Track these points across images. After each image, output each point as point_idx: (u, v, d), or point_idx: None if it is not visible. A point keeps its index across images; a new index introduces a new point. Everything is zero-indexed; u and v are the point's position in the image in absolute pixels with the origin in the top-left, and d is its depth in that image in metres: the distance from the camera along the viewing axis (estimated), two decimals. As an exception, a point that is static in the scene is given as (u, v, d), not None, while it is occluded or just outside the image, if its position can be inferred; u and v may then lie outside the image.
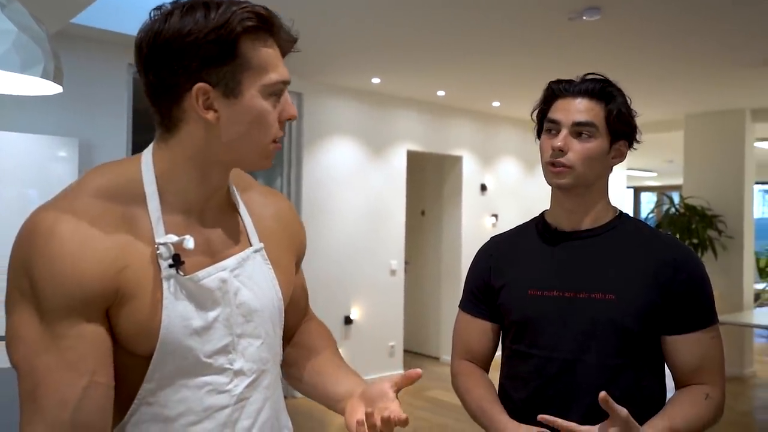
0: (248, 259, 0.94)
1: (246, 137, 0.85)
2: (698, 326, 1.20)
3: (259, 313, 0.93)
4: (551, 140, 1.22)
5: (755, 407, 4.99)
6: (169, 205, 0.87)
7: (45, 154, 3.31)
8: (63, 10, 2.97)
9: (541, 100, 1.30)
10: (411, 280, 6.06)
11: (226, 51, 0.80)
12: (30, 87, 1.80)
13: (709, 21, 3.35)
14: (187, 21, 0.80)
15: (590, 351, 1.19)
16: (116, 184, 0.85)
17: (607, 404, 1.05)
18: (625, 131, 1.25)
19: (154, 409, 0.86)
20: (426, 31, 3.58)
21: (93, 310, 0.80)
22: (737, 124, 5.72)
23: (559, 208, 1.29)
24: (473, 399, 1.29)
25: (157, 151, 0.88)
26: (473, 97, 5.49)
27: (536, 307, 1.24)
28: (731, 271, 5.70)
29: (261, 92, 0.84)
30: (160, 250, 0.83)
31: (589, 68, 1.35)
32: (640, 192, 12.75)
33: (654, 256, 1.22)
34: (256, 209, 1.00)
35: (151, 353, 0.83)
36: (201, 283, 0.87)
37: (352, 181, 5.14)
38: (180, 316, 0.84)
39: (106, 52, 3.74)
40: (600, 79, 1.24)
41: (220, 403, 0.89)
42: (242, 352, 0.91)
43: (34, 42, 1.62)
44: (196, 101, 0.82)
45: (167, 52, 0.80)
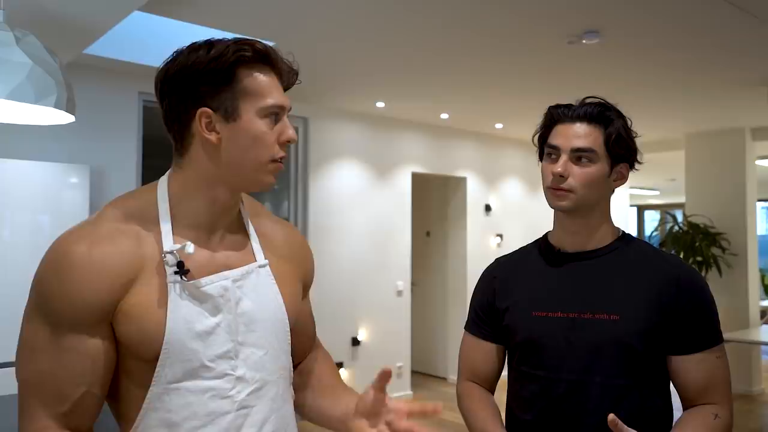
0: (252, 273, 1.00)
1: (245, 156, 0.95)
2: (703, 346, 1.20)
3: (261, 323, 0.99)
4: (551, 165, 1.24)
5: (764, 425, 4.95)
6: (181, 224, 0.96)
7: (57, 181, 3.37)
8: (76, 41, 3.06)
9: (541, 124, 1.32)
10: (417, 301, 6.07)
11: (223, 78, 0.92)
12: (43, 117, 1.86)
13: (707, 41, 3.42)
14: (191, 56, 0.92)
15: (595, 371, 1.19)
16: (133, 207, 0.96)
17: (616, 427, 1.05)
18: (625, 154, 1.26)
19: (161, 414, 0.92)
20: (429, 56, 3.66)
21: (98, 327, 0.89)
22: (737, 142, 5.77)
23: (562, 230, 1.30)
24: (477, 421, 1.30)
25: (172, 174, 0.99)
26: (476, 120, 5.56)
27: (541, 329, 1.25)
28: (736, 288, 5.70)
29: (258, 115, 0.94)
30: (166, 258, 0.92)
31: (589, 90, 1.38)
32: (644, 210, 12.76)
33: (658, 275, 1.22)
34: (265, 232, 1.08)
35: (157, 355, 0.90)
36: (203, 289, 0.94)
37: (358, 203, 5.19)
38: (183, 319, 0.92)
39: (118, 81, 3.83)
40: (598, 103, 1.25)
41: (222, 408, 0.94)
42: (244, 359, 0.97)
43: (48, 73, 1.67)
44: (199, 124, 0.93)
45: (176, 82, 0.93)
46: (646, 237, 8.44)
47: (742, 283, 5.69)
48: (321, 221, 4.92)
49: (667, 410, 1.25)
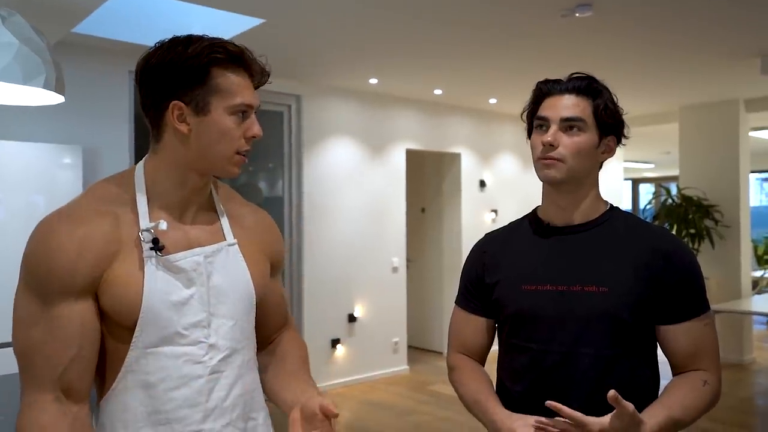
0: (222, 251, 1.10)
1: (213, 148, 1.03)
2: (691, 315, 1.23)
3: (230, 297, 1.09)
4: (541, 136, 1.26)
5: (755, 393, 5.05)
6: (156, 205, 1.05)
7: (50, 162, 3.36)
8: (63, 21, 3.02)
9: (530, 100, 1.33)
10: (413, 277, 6.12)
11: (197, 77, 1.00)
12: (33, 98, 1.84)
13: (700, 13, 3.40)
14: (171, 51, 1.00)
15: (585, 343, 1.21)
16: (111, 190, 1.05)
17: (616, 401, 1.06)
18: (613, 125, 1.27)
19: (138, 376, 1.01)
20: (421, 31, 3.63)
21: (83, 295, 0.98)
22: (731, 114, 5.77)
23: (551, 203, 1.31)
24: (469, 392, 1.32)
25: (149, 158, 1.08)
26: (470, 95, 5.54)
27: (531, 302, 1.26)
28: (729, 259, 5.75)
29: (226, 111, 1.02)
30: (142, 235, 1.01)
31: (583, 63, 1.39)
32: (638, 183, 12.80)
33: (646, 247, 1.24)
34: (235, 214, 1.16)
35: (135, 321, 0.99)
36: (177, 264, 1.03)
37: (353, 180, 5.19)
38: (159, 290, 1.01)
39: (107, 60, 3.79)
40: (586, 77, 1.27)
41: (195, 372, 1.04)
42: (216, 329, 1.06)
43: (36, 53, 1.66)
44: (172, 115, 1.01)
45: (153, 75, 1.01)
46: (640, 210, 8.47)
47: (735, 254, 5.74)
48: (316, 199, 4.92)
49: (654, 379, 1.28)
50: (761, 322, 7.48)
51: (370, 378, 5.23)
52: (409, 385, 5.14)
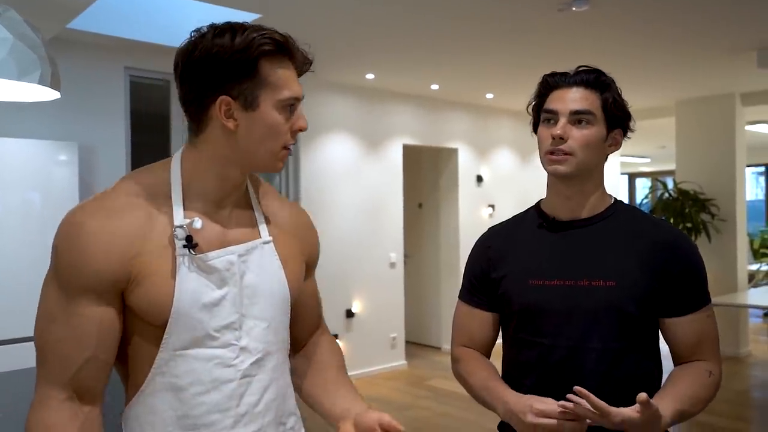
0: (257, 248, 1.04)
1: (260, 143, 0.98)
2: (695, 307, 1.24)
3: (264, 297, 1.04)
4: (550, 129, 1.25)
5: (751, 385, 5.08)
6: (192, 200, 1.00)
7: (46, 159, 3.34)
8: (58, 16, 3.01)
9: (536, 93, 1.31)
10: (411, 272, 6.12)
11: (246, 70, 0.94)
12: (28, 93, 1.83)
13: (697, 7, 3.40)
14: (216, 42, 0.94)
15: (593, 337, 1.21)
16: (146, 183, 1.00)
17: (646, 404, 1.05)
18: (621, 118, 1.27)
19: (167, 378, 0.97)
20: (418, 26, 3.63)
21: (106, 295, 0.94)
22: (727, 108, 5.78)
23: (557, 197, 1.31)
24: (478, 380, 1.31)
25: (186, 151, 1.03)
26: (467, 90, 5.54)
27: (538, 297, 1.26)
28: (725, 253, 5.77)
29: (275, 106, 0.97)
30: (176, 232, 0.96)
31: (579, 57, 1.38)
32: (635, 178, 12.82)
33: (651, 241, 1.25)
34: (271, 211, 1.12)
35: (165, 321, 0.95)
36: (210, 263, 0.98)
37: (350, 176, 5.19)
38: (191, 290, 0.96)
39: (103, 56, 3.77)
40: (594, 70, 1.26)
41: (226, 376, 0.99)
42: (248, 331, 1.02)
43: (31, 49, 1.64)
44: (219, 111, 0.95)
45: (198, 68, 0.95)
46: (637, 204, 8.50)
47: (731, 247, 5.76)
48: (313, 195, 4.92)
49: (658, 370, 1.29)
50: (757, 315, 7.52)
51: (368, 373, 5.23)
52: (407, 380, 5.15)
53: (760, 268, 8.02)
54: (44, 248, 0.98)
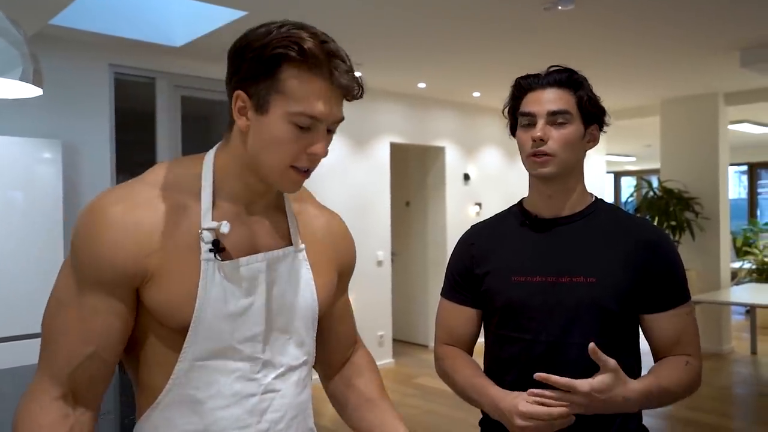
0: (288, 257, 0.98)
1: (263, 154, 0.91)
2: (675, 304, 1.26)
3: (292, 309, 0.98)
4: (529, 132, 1.27)
5: (734, 382, 5.14)
6: (221, 199, 0.95)
7: (29, 157, 3.30)
8: (41, 12, 2.97)
9: (510, 96, 1.34)
10: (398, 271, 6.13)
11: (264, 69, 0.87)
12: (9, 90, 1.80)
13: (681, 7, 3.44)
14: (251, 35, 0.89)
15: (574, 333, 1.23)
16: (177, 176, 0.94)
17: (596, 355, 1.10)
18: (596, 114, 1.30)
19: (186, 390, 0.91)
20: (405, 25, 3.63)
21: (119, 289, 0.88)
22: (711, 108, 5.85)
23: (539, 196, 1.33)
24: (463, 377, 1.32)
25: (219, 148, 0.97)
26: (454, 88, 5.55)
27: (521, 293, 1.28)
28: (708, 251, 5.84)
29: (284, 117, 0.88)
30: (203, 234, 0.90)
31: (565, 56, 1.40)
32: (620, 177, 12.93)
33: (631, 239, 1.27)
34: (305, 218, 1.06)
35: (185, 327, 0.89)
36: (238, 270, 0.92)
37: (337, 174, 5.18)
38: (214, 298, 0.90)
39: (86, 53, 3.73)
40: (565, 69, 1.29)
41: (248, 390, 0.94)
42: (273, 343, 0.96)
43: (12, 45, 1.62)
44: (234, 104, 0.90)
45: (232, 56, 0.91)
46: (622, 203, 8.56)
47: (714, 246, 5.83)
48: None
49: (637, 367, 1.31)
50: (740, 313, 7.62)
51: (355, 372, 5.23)
52: (394, 379, 5.16)
53: (743, 265, 8.13)
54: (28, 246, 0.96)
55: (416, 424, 4.14)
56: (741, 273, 7.99)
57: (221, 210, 0.94)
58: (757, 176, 10.57)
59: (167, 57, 4.02)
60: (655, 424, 4.13)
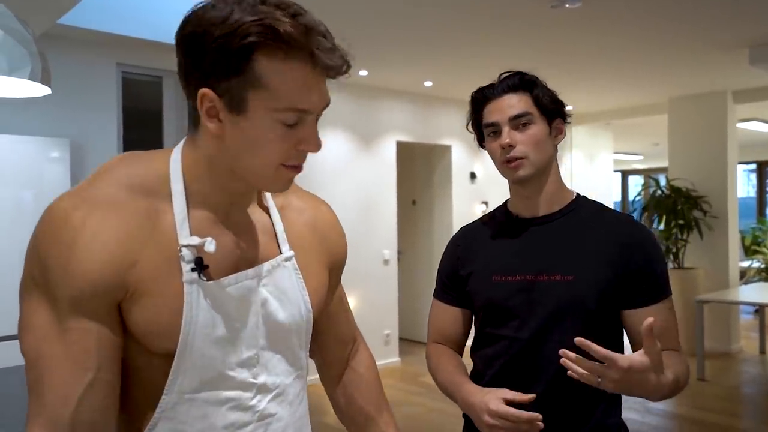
0: (278, 268, 0.88)
1: (248, 155, 0.78)
2: (656, 299, 1.26)
3: (285, 326, 0.89)
4: (497, 141, 1.30)
5: (743, 381, 5.11)
6: (194, 205, 0.82)
7: (37, 156, 3.32)
8: (49, 11, 2.98)
9: (470, 111, 1.39)
10: (404, 269, 6.13)
11: (232, 64, 0.72)
12: (18, 89, 1.82)
13: (689, 4, 3.41)
14: (209, 17, 0.72)
15: (553, 329, 1.25)
16: (143, 177, 0.80)
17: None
18: (556, 109, 1.32)
19: (174, 425, 0.81)
20: (411, 23, 3.62)
21: (102, 304, 0.76)
22: (719, 105, 5.81)
23: (517, 197, 1.37)
24: (443, 373, 1.36)
25: (185, 148, 0.83)
26: (460, 87, 5.53)
27: (501, 292, 1.31)
28: (717, 249, 5.80)
29: (267, 115, 0.75)
30: (182, 253, 0.78)
31: (572, 54, 1.41)
32: (628, 175, 12.87)
33: (611, 235, 1.28)
34: (290, 215, 0.95)
35: (170, 352, 0.78)
36: (226, 291, 0.81)
37: (343, 173, 5.18)
38: (202, 323, 0.79)
39: (94, 52, 3.75)
40: (516, 73, 1.33)
41: (242, 420, 0.84)
42: (265, 365, 0.86)
43: (21, 44, 1.63)
44: (200, 105, 0.76)
45: (187, 45, 0.75)
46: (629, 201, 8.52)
47: (723, 244, 5.79)
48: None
49: None
50: (748, 312, 7.57)
51: (361, 370, 5.23)
52: (400, 377, 5.16)
53: (752, 264, 8.08)
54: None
55: (422, 422, 4.14)
56: (750, 272, 7.95)
57: (197, 219, 0.81)
58: (766, 175, 10.49)
59: (174, 56, 4.02)
60: (663, 423, 4.11)
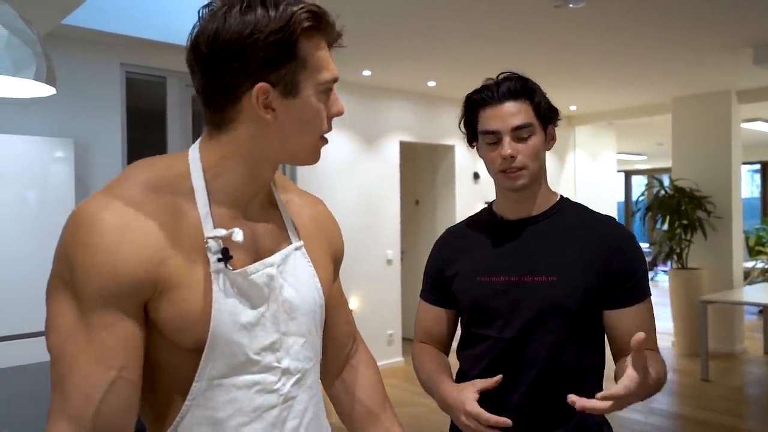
0: (290, 256, 0.94)
1: (299, 134, 0.87)
2: (637, 300, 1.27)
3: (302, 310, 0.94)
4: (497, 151, 1.29)
5: (746, 382, 5.10)
6: (216, 200, 0.87)
7: (42, 156, 3.33)
8: (53, 11, 2.99)
9: (464, 111, 1.36)
10: (407, 269, 6.13)
11: (287, 52, 0.81)
12: (23, 89, 1.82)
13: (693, 4, 3.41)
14: (247, 21, 0.79)
15: (536, 330, 1.26)
16: (164, 177, 0.85)
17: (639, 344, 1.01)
18: (552, 117, 1.32)
19: (205, 411, 0.85)
20: (415, 23, 3.62)
21: (129, 303, 0.79)
22: (723, 105, 5.79)
23: (506, 201, 1.37)
24: (425, 372, 1.38)
25: (205, 147, 0.88)
26: (463, 87, 5.50)
27: (485, 293, 1.32)
28: (721, 250, 5.79)
29: (315, 90, 0.86)
30: (209, 244, 0.83)
31: (576, 54, 1.40)
32: (631, 175, 12.84)
33: (593, 237, 1.29)
34: (294, 209, 1.02)
35: (200, 347, 0.83)
36: (250, 278, 0.87)
37: (346, 173, 5.19)
38: (229, 311, 0.84)
39: (98, 52, 3.76)
40: (517, 77, 1.30)
41: (269, 402, 0.89)
42: (288, 350, 0.92)
43: (26, 44, 1.63)
44: (256, 101, 0.82)
45: (228, 53, 0.80)
46: (633, 202, 8.50)
47: (727, 245, 5.78)
48: (309, 191, 4.91)
49: (601, 361, 1.33)
50: (752, 313, 7.55)
51: (364, 370, 5.24)
52: (403, 377, 5.16)
53: (756, 265, 8.06)
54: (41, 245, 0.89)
55: (425, 423, 4.14)
56: (754, 273, 7.92)
57: (218, 215, 0.86)
58: (770, 175, 10.45)
59: (178, 56, 4.02)
60: (666, 424, 4.11)
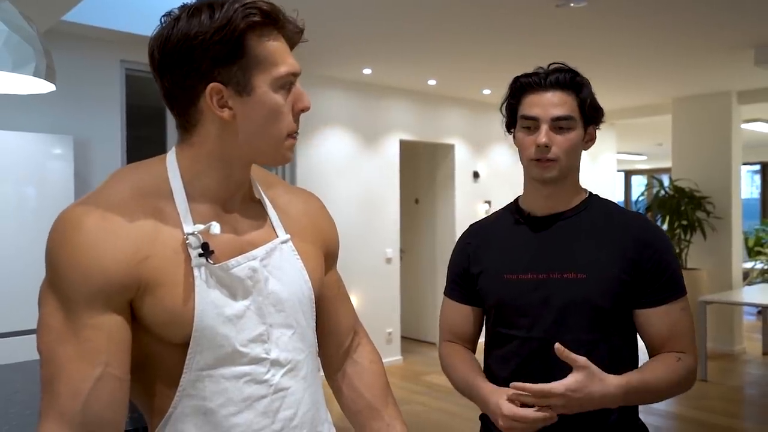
0: (276, 250, 0.95)
1: (261, 132, 0.88)
2: (669, 299, 1.25)
3: (289, 303, 0.95)
4: (533, 137, 1.26)
5: (745, 382, 5.10)
6: (195, 201, 0.90)
7: (41, 153, 3.32)
8: (53, 8, 2.98)
9: (509, 94, 1.33)
10: (406, 268, 6.13)
11: (233, 49, 0.83)
12: (23, 86, 1.82)
13: (694, 4, 3.40)
14: (193, 23, 0.83)
15: (565, 329, 1.24)
16: (144, 181, 0.88)
17: (563, 354, 1.10)
18: (596, 116, 1.29)
19: (196, 401, 0.88)
20: (415, 21, 3.61)
21: (114, 302, 0.82)
22: (724, 106, 5.79)
23: (536, 195, 1.33)
24: (459, 374, 1.34)
25: (179, 151, 0.92)
26: (464, 86, 5.53)
27: (512, 291, 1.29)
28: (720, 250, 5.79)
29: (272, 86, 0.87)
30: (189, 240, 0.86)
31: (577, 54, 1.39)
32: (631, 175, 12.84)
33: (623, 234, 1.26)
34: (281, 204, 1.03)
35: (187, 341, 0.85)
36: (232, 272, 0.89)
37: (346, 171, 5.18)
38: (212, 304, 0.86)
39: (98, 49, 3.75)
40: (567, 69, 1.27)
41: (258, 393, 0.91)
42: (276, 341, 0.93)
43: (25, 41, 1.63)
44: (210, 101, 0.85)
45: (178, 56, 0.84)
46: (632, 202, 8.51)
47: (726, 245, 5.78)
48: (309, 190, 4.90)
49: (634, 360, 1.30)
50: (751, 313, 7.55)
51: (363, 368, 5.23)
52: (402, 376, 5.16)
53: (755, 266, 8.05)
54: (40, 242, 0.90)
55: (424, 421, 4.14)
56: (753, 273, 7.92)
57: (198, 212, 0.89)
58: (770, 175, 10.45)
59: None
60: (664, 424, 4.11)
